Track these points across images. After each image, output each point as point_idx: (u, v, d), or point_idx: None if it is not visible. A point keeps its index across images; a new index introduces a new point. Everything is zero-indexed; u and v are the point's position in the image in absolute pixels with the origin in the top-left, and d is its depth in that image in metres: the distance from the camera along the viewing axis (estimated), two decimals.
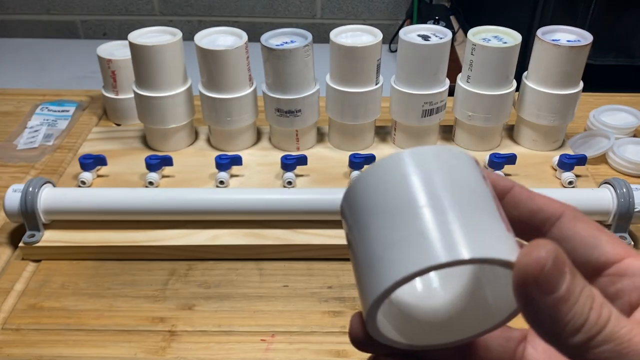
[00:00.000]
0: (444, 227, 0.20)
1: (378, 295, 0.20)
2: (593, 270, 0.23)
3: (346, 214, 0.24)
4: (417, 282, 0.26)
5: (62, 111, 0.79)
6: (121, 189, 0.58)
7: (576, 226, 0.23)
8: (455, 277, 0.25)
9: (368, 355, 0.26)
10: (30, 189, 0.55)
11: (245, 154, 0.67)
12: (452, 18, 2.05)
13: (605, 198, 0.56)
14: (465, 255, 0.19)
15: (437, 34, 0.65)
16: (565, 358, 0.21)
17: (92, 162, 0.63)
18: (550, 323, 0.20)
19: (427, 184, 0.21)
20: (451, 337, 0.24)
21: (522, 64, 0.66)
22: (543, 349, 0.27)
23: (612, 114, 0.74)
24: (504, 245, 0.20)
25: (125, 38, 0.65)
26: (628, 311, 0.22)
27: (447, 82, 0.66)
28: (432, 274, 0.26)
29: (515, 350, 0.27)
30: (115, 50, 0.74)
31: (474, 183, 0.22)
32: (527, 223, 0.24)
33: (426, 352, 0.26)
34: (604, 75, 1.31)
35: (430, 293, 0.25)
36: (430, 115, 0.66)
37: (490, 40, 0.65)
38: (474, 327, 0.24)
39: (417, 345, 0.24)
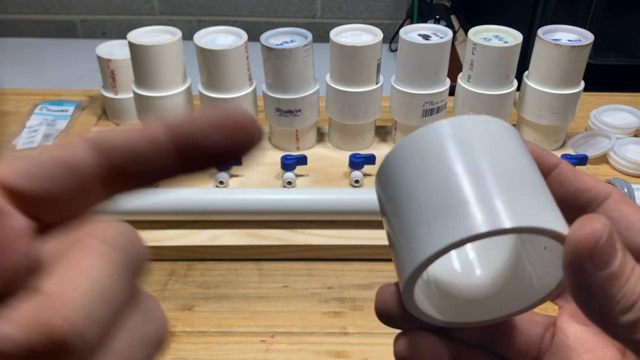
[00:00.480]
0: (484, 196, 0.19)
1: (416, 267, 0.20)
2: (636, 255, 0.22)
3: (383, 184, 0.23)
4: (455, 258, 0.25)
5: (61, 111, 0.78)
6: None
7: (623, 209, 0.22)
8: (494, 252, 0.25)
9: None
10: None
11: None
12: (453, 17, 2.04)
13: None
14: (507, 224, 0.18)
15: (438, 33, 0.65)
16: (603, 343, 0.21)
17: None
18: (600, 300, 0.19)
19: (467, 152, 0.20)
20: (488, 315, 0.23)
21: (523, 64, 0.66)
22: (575, 336, 0.26)
23: (613, 113, 0.74)
24: (552, 216, 0.19)
25: (125, 38, 0.65)
26: None
27: (448, 81, 0.66)
28: (471, 249, 0.25)
29: (543, 335, 0.27)
30: (115, 50, 0.73)
31: (517, 154, 0.21)
32: (572, 202, 0.23)
33: (457, 330, 0.25)
34: (605, 74, 1.30)
35: (468, 269, 0.24)
36: (430, 115, 0.66)
37: (491, 39, 0.65)
38: (512, 305, 0.23)
39: (453, 322, 0.24)
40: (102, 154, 0.17)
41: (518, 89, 0.68)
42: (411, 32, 0.65)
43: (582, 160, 0.63)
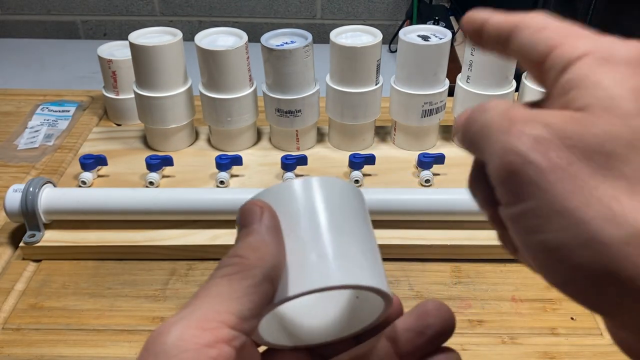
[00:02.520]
0: (323, 257, 0.23)
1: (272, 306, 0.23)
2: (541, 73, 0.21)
3: None
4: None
5: (63, 111, 0.79)
6: (121, 189, 0.58)
7: (522, 34, 0.22)
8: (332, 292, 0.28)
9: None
10: (31, 189, 0.55)
11: (245, 154, 0.67)
12: (452, 18, 2.05)
13: None
14: (337, 282, 0.22)
15: (437, 34, 0.65)
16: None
17: (92, 162, 0.63)
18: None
19: (311, 215, 0.24)
20: (324, 339, 0.27)
21: None
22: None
23: None
24: (374, 274, 0.24)
25: (126, 38, 0.65)
26: None
27: (447, 82, 0.66)
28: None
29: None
30: (116, 51, 0.74)
31: (355, 215, 0.25)
32: (540, 69, 0.21)
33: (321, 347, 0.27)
34: None
35: (310, 302, 0.28)
36: (430, 115, 0.66)
37: None
38: (349, 328, 0.27)
39: (300, 345, 0.27)
40: None
41: (517, 89, 0.68)
42: (411, 33, 0.65)
43: None
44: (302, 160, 0.63)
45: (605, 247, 0.17)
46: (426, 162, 0.63)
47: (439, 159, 0.63)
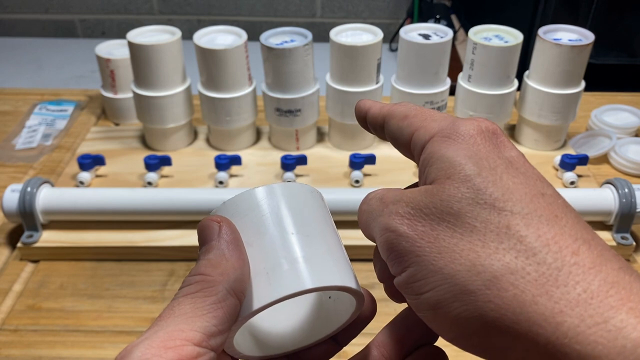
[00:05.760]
0: (292, 262, 0.23)
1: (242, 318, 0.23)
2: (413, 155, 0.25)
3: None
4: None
5: (61, 111, 0.78)
6: (120, 189, 0.58)
7: (390, 124, 0.25)
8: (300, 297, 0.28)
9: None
10: (29, 189, 0.55)
11: (244, 154, 0.66)
12: (453, 17, 2.04)
13: (607, 198, 0.56)
14: (309, 285, 0.22)
15: (438, 32, 0.65)
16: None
17: (90, 162, 0.63)
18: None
19: (276, 221, 0.24)
20: (300, 344, 0.27)
21: (524, 63, 0.65)
22: None
23: (613, 113, 0.74)
24: (343, 274, 0.24)
25: (124, 37, 0.65)
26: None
27: (448, 81, 0.66)
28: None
29: None
30: (114, 50, 0.73)
31: (317, 216, 0.25)
32: (408, 147, 0.25)
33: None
34: (605, 74, 1.30)
35: (276, 312, 0.27)
36: None
37: (491, 39, 0.64)
38: (316, 334, 0.27)
39: (276, 354, 0.27)
40: None
41: (519, 88, 0.68)
42: (411, 32, 0.65)
43: (582, 160, 0.63)
44: (302, 160, 0.62)
45: (471, 296, 0.19)
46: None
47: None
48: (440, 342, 0.25)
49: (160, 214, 0.57)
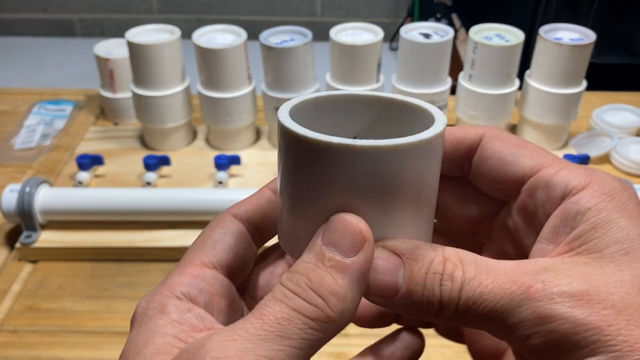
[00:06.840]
0: None
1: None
2: (514, 187, 0.22)
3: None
4: None
5: (59, 110, 0.78)
6: (119, 189, 0.58)
7: (494, 145, 0.22)
8: None
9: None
10: (27, 189, 0.55)
11: (244, 154, 0.66)
12: (454, 16, 2.04)
13: None
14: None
15: (439, 32, 0.64)
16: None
17: (89, 161, 0.62)
18: (413, 313, 0.19)
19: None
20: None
21: (525, 63, 0.65)
22: None
23: (615, 113, 0.73)
24: None
25: (123, 36, 0.64)
26: (543, 224, 0.21)
27: (449, 80, 0.66)
28: None
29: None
30: (113, 49, 0.73)
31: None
32: (455, 155, 0.23)
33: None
34: (607, 74, 1.30)
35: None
36: None
37: (492, 38, 0.64)
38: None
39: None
40: None
41: (520, 88, 0.68)
42: (412, 31, 0.64)
43: (584, 160, 0.62)
44: None
45: None
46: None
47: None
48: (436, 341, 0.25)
49: (159, 214, 0.57)
